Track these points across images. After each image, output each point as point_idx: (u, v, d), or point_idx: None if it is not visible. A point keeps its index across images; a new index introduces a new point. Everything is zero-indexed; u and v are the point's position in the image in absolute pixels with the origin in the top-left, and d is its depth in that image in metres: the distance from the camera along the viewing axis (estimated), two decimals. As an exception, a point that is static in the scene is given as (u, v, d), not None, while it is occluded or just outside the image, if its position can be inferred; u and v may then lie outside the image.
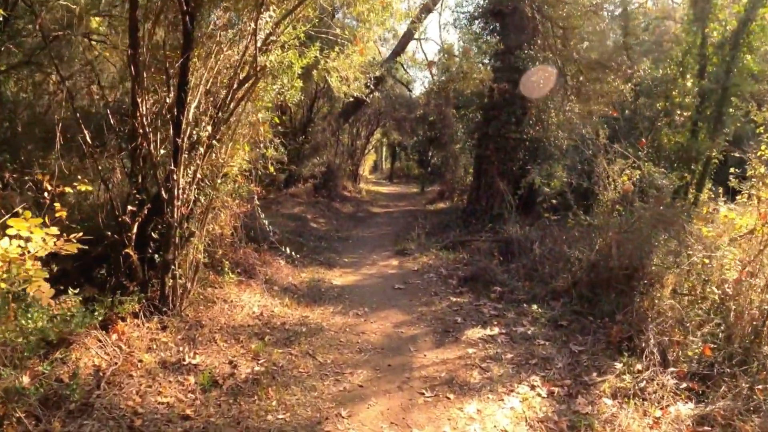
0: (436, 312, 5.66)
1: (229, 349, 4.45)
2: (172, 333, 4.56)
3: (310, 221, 11.17)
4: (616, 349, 5.01)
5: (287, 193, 13.86)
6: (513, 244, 8.68)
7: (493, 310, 5.87)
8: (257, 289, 5.82)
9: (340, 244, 9.46)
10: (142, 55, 4.16)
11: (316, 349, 4.51)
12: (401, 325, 5.22)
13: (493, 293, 6.47)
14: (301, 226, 10.29)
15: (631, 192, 6.59)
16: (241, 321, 4.97)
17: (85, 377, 3.90)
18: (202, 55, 4.17)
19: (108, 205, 4.99)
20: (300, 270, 7.14)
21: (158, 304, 4.73)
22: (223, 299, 5.25)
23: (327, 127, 16.31)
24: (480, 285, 6.75)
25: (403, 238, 10.03)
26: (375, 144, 32.24)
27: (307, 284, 6.52)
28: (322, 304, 5.79)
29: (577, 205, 7.97)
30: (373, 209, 16.11)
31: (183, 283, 4.77)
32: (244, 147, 4.82)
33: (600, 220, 6.59)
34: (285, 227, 9.50)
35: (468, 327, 5.26)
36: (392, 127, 24.95)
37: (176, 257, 4.51)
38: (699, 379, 4.34)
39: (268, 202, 12.50)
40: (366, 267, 7.72)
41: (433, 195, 20.01)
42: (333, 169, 15.88)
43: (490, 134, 11.26)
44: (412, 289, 6.56)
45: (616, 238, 6.29)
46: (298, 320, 5.14)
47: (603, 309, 5.84)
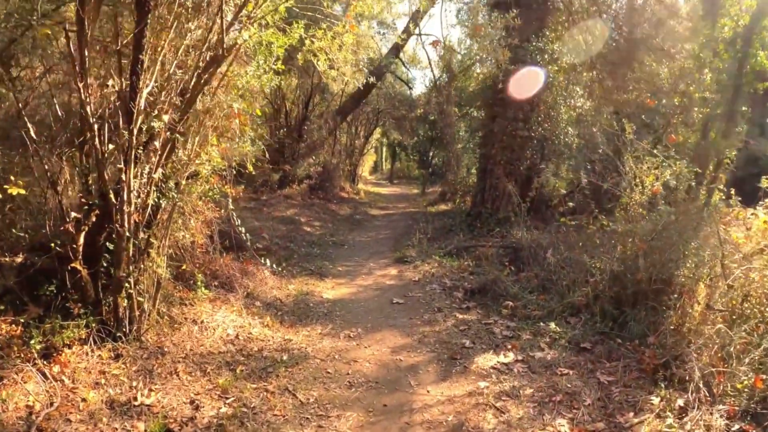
0: (441, 333, 4.90)
1: (192, 384, 3.71)
2: (127, 363, 3.82)
3: (303, 225, 10.43)
4: (650, 378, 4.28)
5: (281, 194, 13.13)
6: (523, 251, 7.96)
7: (506, 330, 5.13)
8: (235, 306, 5.07)
9: (335, 251, 8.71)
10: (90, 30, 3.42)
11: (298, 384, 3.75)
12: (400, 351, 4.46)
13: (504, 308, 5.73)
14: (294, 230, 9.55)
15: (659, 194, 5.86)
16: (211, 347, 4.22)
17: (13, 422, 3.19)
18: (158, 28, 3.42)
19: (57, 210, 4.26)
20: (287, 281, 6.39)
21: (111, 328, 3.99)
22: (193, 319, 4.51)
23: (323, 125, 15.58)
24: (489, 298, 6.01)
25: (402, 243, 9.29)
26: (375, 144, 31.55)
27: (293, 298, 5.76)
28: (309, 324, 5.03)
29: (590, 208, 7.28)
30: (371, 211, 15.36)
31: (142, 302, 4.04)
32: (213, 142, 4.07)
33: (625, 225, 5.83)
34: (275, 232, 8.77)
35: (478, 352, 4.51)
36: (392, 126, 24.25)
37: (130, 273, 3.76)
38: (751, 417, 3.60)
39: (260, 204, 11.78)
40: (361, 277, 6.96)
41: (435, 196, 19.28)
42: (329, 170, 15.15)
43: (496, 132, 10.52)
44: (413, 303, 5.81)
45: (644, 246, 5.55)
46: (279, 345, 4.39)
47: (631, 329, 5.13)
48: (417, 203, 18.50)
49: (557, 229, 8.43)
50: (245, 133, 4.47)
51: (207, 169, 4.41)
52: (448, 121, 18.87)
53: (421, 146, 28.70)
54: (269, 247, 7.51)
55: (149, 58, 3.41)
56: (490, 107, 10.90)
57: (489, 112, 11.00)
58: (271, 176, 13.17)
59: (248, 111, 4.57)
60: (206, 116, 3.88)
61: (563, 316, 5.72)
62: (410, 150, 31.30)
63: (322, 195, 14.32)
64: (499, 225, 10.43)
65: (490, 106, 10.81)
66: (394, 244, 9.44)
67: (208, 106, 3.83)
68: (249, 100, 4.69)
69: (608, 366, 4.49)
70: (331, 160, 15.70)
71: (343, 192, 17.50)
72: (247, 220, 8.75)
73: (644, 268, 5.49)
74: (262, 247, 7.29)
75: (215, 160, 4.47)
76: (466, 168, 17.66)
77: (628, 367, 4.46)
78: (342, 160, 17.81)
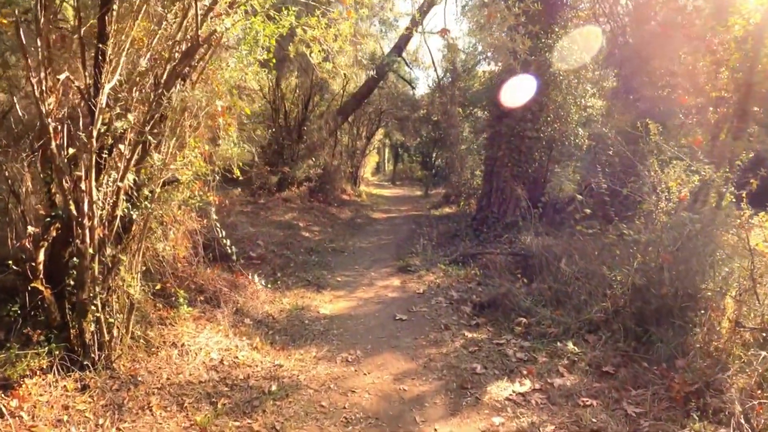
0: (449, 355, 4.42)
1: (167, 421, 3.24)
2: (94, 396, 3.36)
3: (301, 230, 9.96)
4: (682, 408, 3.81)
5: (279, 197, 12.67)
6: (533, 259, 7.48)
7: (520, 351, 4.65)
8: (222, 325, 4.60)
9: (334, 258, 8.23)
10: (46, 16, 2.96)
11: (287, 422, 3.28)
12: (404, 378, 3.98)
13: (516, 325, 5.25)
14: (291, 236, 9.08)
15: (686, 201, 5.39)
16: (191, 374, 3.75)
17: (-44, 469, 2.75)
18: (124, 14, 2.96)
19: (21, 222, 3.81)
20: (282, 294, 5.92)
21: (78, 355, 3.53)
22: (173, 342, 4.04)
23: (324, 126, 15.12)
24: (500, 314, 5.53)
25: (406, 249, 8.82)
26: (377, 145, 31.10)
27: (287, 314, 5.28)
28: (303, 345, 4.55)
29: (601, 213, 6.84)
30: (373, 214, 14.88)
31: (112, 326, 3.58)
32: (192, 144, 3.61)
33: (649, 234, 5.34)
34: (271, 238, 8.31)
35: (491, 379, 4.03)
36: (395, 126, 23.80)
37: (97, 295, 3.30)
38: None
39: (257, 208, 11.33)
40: (362, 289, 6.48)
41: (438, 199, 18.81)
42: (330, 171, 14.67)
43: (503, 133, 10.04)
44: (418, 320, 5.33)
45: (669, 257, 5.08)
46: (268, 372, 3.91)
47: (658, 350, 4.66)
48: (420, 206, 18.02)
49: (569, 236, 7.96)
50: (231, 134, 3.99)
51: (188, 174, 3.95)
52: (452, 121, 18.40)
53: (424, 147, 28.27)
54: (264, 256, 7.04)
55: (114, 48, 2.94)
56: (496, 107, 10.41)
57: (495, 112, 10.51)
58: (269, 179, 12.71)
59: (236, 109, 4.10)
60: (184, 115, 3.41)
61: (581, 333, 5.26)
62: (413, 151, 30.91)
63: (322, 198, 13.86)
64: (506, 230, 9.96)
65: (497, 105, 10.32)
66: (396, 251, 8.97)
67: (186, 103, 3.36)
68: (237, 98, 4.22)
69: (635, 394, 4.03)
70: (332, 161, 15.24)
71: (345, 194, 17.04)
72: (242, 225, 8.30)
73: (669, 282, 5.03)
74: (256, 255, 6.83)
75: (198, 164, 4.02)
76: (471, 170, 17.18)
77: (656, 396, 4.00)
78: (343, 162, 17.35)
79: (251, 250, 6.97)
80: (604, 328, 5.28)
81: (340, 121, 15.34)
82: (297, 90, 14.16)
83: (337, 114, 15.22)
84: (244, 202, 11.61)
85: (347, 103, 15.88)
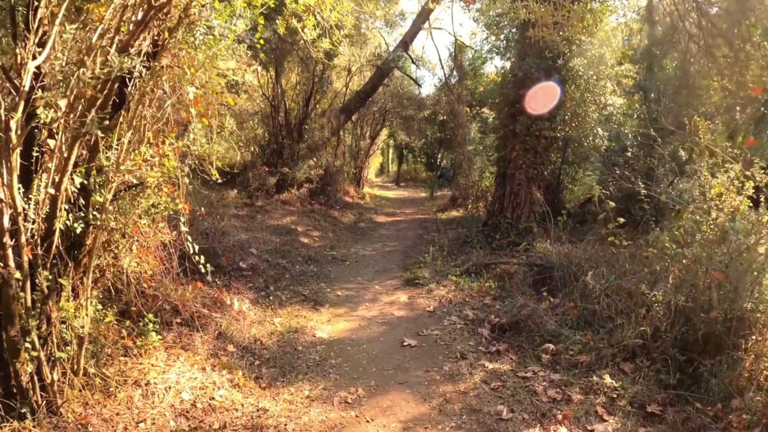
0: (468, 394, 3.71)
1: (116, 492, 2.55)
2: (30, 454, 2.68)
3: (300, 235, 9.26)
4: (747, 463, 3.11)
5: (278, 199, 11.98)
6: (555, 271, 6.78)
7: (551, 387, 3.94)
8: (199, 354, 3.90)
9: (335, 268, 7.53)
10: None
11: (268, 494, 2.58)
12: (415, 427, 3.27)
13: (543, 353, 4.54)
14: (289, 242, 8.39)
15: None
16: (155, 423, 3.06)
17: None
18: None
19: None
20: (273, 312, 5.22)
21: (15, 402, 2.84)
22: (136, 380, 3.35)
23: (326, 125, 14.42)
24: (523, 338, 4.82)
25: (412, 259, 8.11)
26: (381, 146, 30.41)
27: (278, 339, 4.58)
28: (294, 380, 3.83)
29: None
30: (377, 218, 14.17)
31: (57, 364, 2.89)
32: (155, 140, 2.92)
33: (696, 248, 4.63)
34: (266, 245, 7.61)
35: (520, 427, 3.31)
36: (399, 126, 23.07)
37: (30, 329, 2.61)
38: None
39: (253, 211, 10.64)
40: (365, 305, 5.77)
41: (445, 201, 18.10)
42: (332, 173, 13.97)
43: (518, 132, 9.31)
44: (429, 346, 4.61)
45: (719, 276, 4.37)
46: (249, 419, 3.21)
47: (709, 385, 3.98)
48: (426, 209, 17.31)
49: (591, 245, 7.26)
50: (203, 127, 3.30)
51: (155, 176, 3.26)
52: (460, 121, 17.70)
53: (429, 148, 27.60)
54: (256, 266, 6.35)
55: (45, 14, 2.25)
56: (510, 104, 9.69)
57: (509, 110, 9.79)
58: (267, 180, 12.02)
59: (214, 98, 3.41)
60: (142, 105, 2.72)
61: (615, 362, 4.57)
62: (418, 152, 30.23)
63: (323, 200, 13.16)
64: (521, 237, 9.25)
65: (511, 102, 9.61)
66: (403, 260, 8.26)
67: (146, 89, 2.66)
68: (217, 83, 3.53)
69: (688, 443, 3.34)
70: (334, 162, 14.53)
71: (347, 196, 16.34)
72: (235, 231, 7.61)
73: (718, 304, 4.34)
74: (246, 266, 6.14)
75: (168, 164, 3.33)
76: (479, 171, 16.48)
77: (713, 444, 3.32)
78: (346, 162, 16.64)
79: (242, 260, 6.27)
80: (641, 355, 4.61)
81: (342, 119, 14.64)
82: (297, 86, 13.48)
83: (340, 112, 14.53)
84: (240, 204, 10.94)
85: (351, 101, 15.19)
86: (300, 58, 12.10)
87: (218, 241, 6.12)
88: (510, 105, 9.74)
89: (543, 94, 9.19)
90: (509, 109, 9.82)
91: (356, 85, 16.50)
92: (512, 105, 9.60)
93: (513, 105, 9.54)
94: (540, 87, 9.05)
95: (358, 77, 16.57)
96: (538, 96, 9.18)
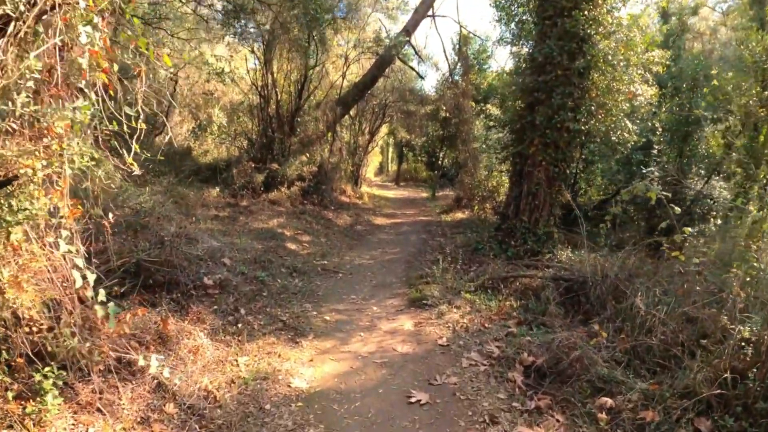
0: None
1: None
2: None
3: (287, 240, 8.06)
4: None
5: (266, 199, 10.78)
6: (587, 287, 5.63)
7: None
8: (122, 421, 2.71)
9: (324, 282, 6.31)
10: None
11: None
12: None
13: (599, 410, 3.36)
14: (273, 249, 7.19)
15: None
16: None
17: None
18: None
19: None
20: (239, 347, 4.00)
21: None
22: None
23: (321, 117, 13.21)
24: (569, 387, 3.63)
25: (417, 270, 6.91)
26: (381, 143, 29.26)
27: (239, 391, 3.36)
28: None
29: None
30: (376, 220, 12.95)
31: None
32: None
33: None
34: (245, 253, 6.41)
35: None
36: (400, 122, 21.89)
37: None
38: None
39: (236, 212, 9.44)
40: (359, 336, 4.55)
41: (448, 202, 16.93)
42: (327, 170, 12.75)
43: (537, 124, 8.13)
44: (445, 402, 3.40)
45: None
46: None
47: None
48: (428, 210, 16.12)
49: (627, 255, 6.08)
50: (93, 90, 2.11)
51: (37, 166, 2.07)
52: (464, 116, 16.55)
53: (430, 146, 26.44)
54: (226, 282, 5.14)
55: None
56: (529, 93, 8.50)
57: (527, 100, 8.60)
58: (254, 177, 10.81)
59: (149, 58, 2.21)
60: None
61: (689, 418, 3.42)
62: (418, 150, 29.11)
63: (316, 200, 11.95)
64: (539, 243, 8.09)
65: (530, 91, 8.42)
66: (406, 271, 7.06)
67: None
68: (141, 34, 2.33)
69: None
70: (329, 158, 13.31)
71: (344, 196, 15.14)
72: (207, 237, 6.41)
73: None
74: (212, 283, 4.93)
75: (60, 147, 2.14)
76: (486, 170, 15.31)
77: None
78: (343, 159, 15.40)
79: (208, 274, 5.06)
80: (719, 408, 3.48)
81: (339, 112, 13.42)
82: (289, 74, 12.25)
83: (337, 104, 13.31)
84: (222, 204, 9.73)
85: (348, 93, 13.98)
86: (291, 41, 10.88)
87: (178, 251, 4.91)
88: (528, 94, 8.55)
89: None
90: (527, 98, 8.63)
91: (354, 77, 15.31)
92: (530, 94, 8.41)
93: (531, 94, 8.35)
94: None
95: (356, 66, 15.37)
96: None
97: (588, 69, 8.19)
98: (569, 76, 7.94)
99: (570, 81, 7.95)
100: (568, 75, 7.94)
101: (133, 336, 3.37)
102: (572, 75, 7.97)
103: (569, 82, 7.94)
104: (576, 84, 8.01)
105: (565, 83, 7.95)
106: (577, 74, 8.03)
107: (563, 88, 7.92)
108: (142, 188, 6.50)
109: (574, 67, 7.93)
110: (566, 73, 7.94)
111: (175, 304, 4.46)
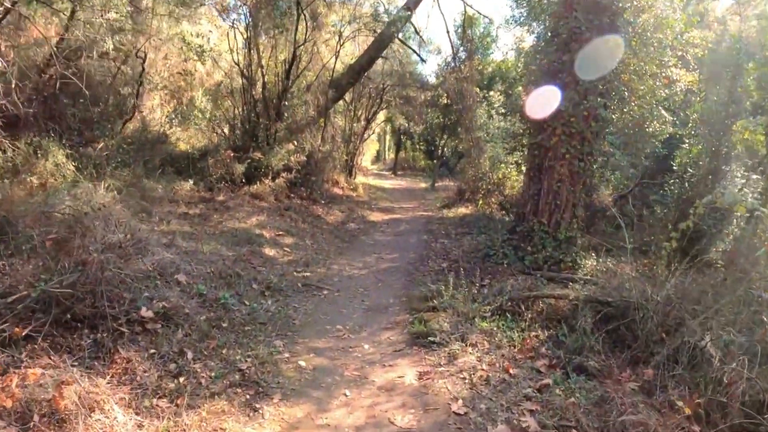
0: None
1: None
2: None
3: (266, 244, 6.85)
4: None
5: (247, 192, 9.53)
6: (630, 313, 4.50)
7: None
8: None
9: (304, 304, 5.10)
10: None
11: None
12: None
13: None
14: (246, 257, 5.99)
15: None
16: None
17: None
18: None
19: None
20: (173, 420, 2.82)
21: None
22: None
23: (312, 101, 11.91)
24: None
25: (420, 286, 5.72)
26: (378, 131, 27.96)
27: None
28: None
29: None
30: (371, 216, 11.73)
31: None
32: None
33: None
34: (208, 265, 5.20)
35: None
36: (399, 109, 20.57)
37: None
38: None
39: (210, 208, 8.21)
40: (343, 395, 3.33)
41: (448, 194, 15.73)
42: (317, 159, 11.49)
43: (561, 112, 6.92)
44: None
45: None
46: None
47: None
48: (428, 203, 14.92)
49: (680, 273, 4.90)
50: None
51: None
52: (468, 103, 15.24)
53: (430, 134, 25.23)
54: (176, 310, 3.94)
55: None
56: (551, 75, 7.26)
57: (549, 82, 7.36)
58: (233, 167, 9.54)
59: None
60: None
61: None
62: (417, 138, 27.94)
63: (305, 193, 10.71)
64: (560, 250, 6.92)
65: (554, 73, 7.18)
66: (406, 287, 5.88)
67: None
68: None
69: None
70: (321, 146, 12.02)
71: (336, 187, 13.90)
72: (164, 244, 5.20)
73: None
74: (151, 316, 3.71)
75: None
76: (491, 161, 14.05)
77: None
78: (336, 148, 14.11)
79: (154, 300, 3.85)
80: None
81: (332, 96, 12.11)
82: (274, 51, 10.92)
83: (329, 87, 12.00)
84: (195, 199, 8.48)
85: (343, 75, 12.65)
86: (278, 13, 9.54)
87: (111, 272, 3.69)
88: (551, 76, 7.30)
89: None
90: (549, 80, 7.39)
91: (350, 58, 13.97)
92: (554, 76, 7.16)
93: (556, 76, 7.11)
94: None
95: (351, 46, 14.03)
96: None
97: (617, 48, 6.97)
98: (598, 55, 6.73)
99: (598, 60, 6.74)
100: (597, 53, 6.73)
101: (16, 413, 2.17)
102: (602, 53, 6.76)
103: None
104: (605, 66, 6.80)
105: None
106: (607, 52, 6.82)
107: (594, 69, 6.70)
108: (97, 183, 5.26)
109: (605, 44, 6.72)
110: (595, 50, 6.73)
111: (97, 349, 3.28)
